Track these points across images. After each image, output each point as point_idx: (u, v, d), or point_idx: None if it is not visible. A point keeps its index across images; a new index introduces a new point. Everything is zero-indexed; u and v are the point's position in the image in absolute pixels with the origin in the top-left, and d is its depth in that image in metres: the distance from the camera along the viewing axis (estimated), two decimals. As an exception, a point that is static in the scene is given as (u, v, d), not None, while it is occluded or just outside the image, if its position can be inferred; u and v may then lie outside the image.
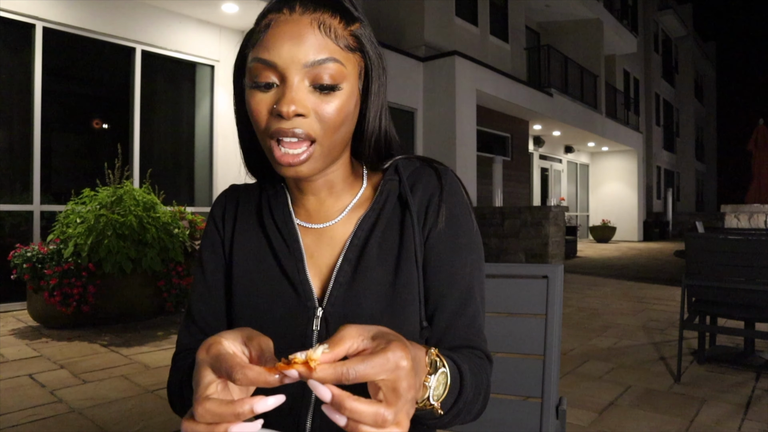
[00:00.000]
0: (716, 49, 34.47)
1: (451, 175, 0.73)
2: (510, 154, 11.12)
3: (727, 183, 34.34)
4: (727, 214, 7.36)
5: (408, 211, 0.70)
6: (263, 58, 0.61)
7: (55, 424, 2.17)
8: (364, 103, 0.69)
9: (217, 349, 0.46)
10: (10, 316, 4.36)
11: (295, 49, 0.60)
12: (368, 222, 0.70)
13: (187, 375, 0.63)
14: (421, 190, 0.71)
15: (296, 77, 0.60)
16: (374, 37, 0.69)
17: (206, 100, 6.31)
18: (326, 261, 0.70)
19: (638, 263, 9.54)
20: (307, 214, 0.73)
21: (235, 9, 5.80)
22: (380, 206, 0.71)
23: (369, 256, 0.68)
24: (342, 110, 0.62)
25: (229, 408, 0.42)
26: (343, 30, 0.63)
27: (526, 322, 0.99)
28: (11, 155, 4.87)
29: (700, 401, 2.52)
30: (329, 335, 0.63)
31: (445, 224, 0.70)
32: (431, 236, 0.70)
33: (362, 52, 0.66)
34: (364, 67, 0.67)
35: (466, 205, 0.73)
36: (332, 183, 0.71)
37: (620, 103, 15.88)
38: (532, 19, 13.79)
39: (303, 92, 0.60)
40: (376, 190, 0.73)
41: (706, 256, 2.86)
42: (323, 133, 0.62)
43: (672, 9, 21.58)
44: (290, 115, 0.59)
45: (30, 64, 4.86)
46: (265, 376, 0.42)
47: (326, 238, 0.71)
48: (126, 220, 3.85)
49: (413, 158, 0.76)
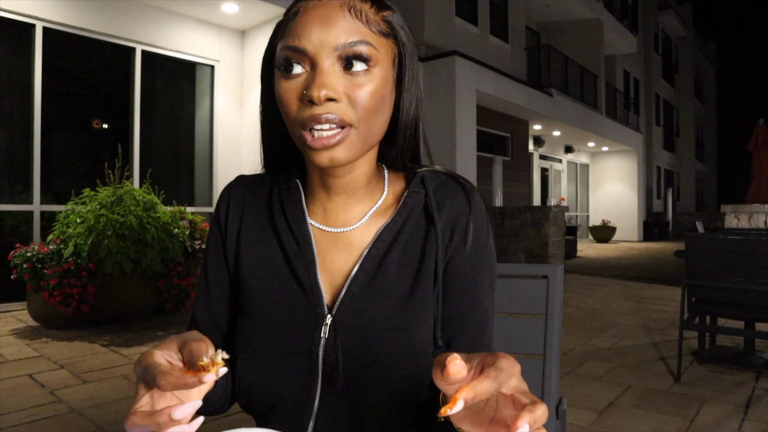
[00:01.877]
0: (716, 49, 34.46)
1: (478, 195, 0.71)
2: (510, 154, 11.12)
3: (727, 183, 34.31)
4: (727, 214, 7.36)
5: (433, 228, 0.67)
6: (292, 45, 0.59)
7: (55, 424, 2.17)
8: (398, 93, 0.66)
9: (147, 361, 0.49)
10: (10, 316, 4.36)
11: (324, 33, 0.58)
12: (389, 233, 0.67)
13: None
14: (448, 208, 0.68)
15: (327, 61, 0.58)
16: (407, 26, 0.66)
17: (206, 100, 6.31)
18: (339, 267, 0.68)
19: (638, 263, 9.54)
20: (324, 216, 0.70)
21: (235, 9, 5.80)
22: (404, 219, 0.68)
23: (387, 269, 0.66)
24: (376, 94, 0.60)
25: (150, 419, 0.46)
26: (374, 15, 0.61)
27: (526, 322, 0.99)
28: (11, 155, 4.87)
29: (700, 401, 2.52)
30: (337, 344, 0.63)
31: (471, 245, 0.68)
32: (456, 257, 0.68)
33: (395, 38, 0.64)
34: (398, 54, 0.65)
35: (488, 226, 0.71)
36: (356, 183, 0.68)
37: (620, 103, 15.87)
38: (532, 19, 13.78)
39: (334, 76, 0.58)
40: (399, 199, 0.71)
41: (706, 256, 2.86)
42: (358, 118, 0.59)
43: (672, 9, 21.59)
44: (321, 100, 0.56)
45: (30, 64, 4.86)
46: (184, 379, 0.46)
47: (342, 244, 0.68)
48: (126, 220, 3.85)
49: (439, 171, 0.72)
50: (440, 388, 0.42)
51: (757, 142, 8.61)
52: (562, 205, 7.87)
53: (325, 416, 0.64)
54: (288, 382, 0.64)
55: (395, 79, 0.65)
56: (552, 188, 14.97)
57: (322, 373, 0.64)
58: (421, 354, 0.65)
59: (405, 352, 0.63)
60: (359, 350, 0.63)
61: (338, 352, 0.63)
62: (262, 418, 0.68)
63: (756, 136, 8.62)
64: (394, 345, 0.63)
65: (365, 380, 0.62)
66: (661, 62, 21.60)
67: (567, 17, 14.06)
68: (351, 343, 0.63)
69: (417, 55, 0.68)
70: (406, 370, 0.62)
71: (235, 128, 6.37)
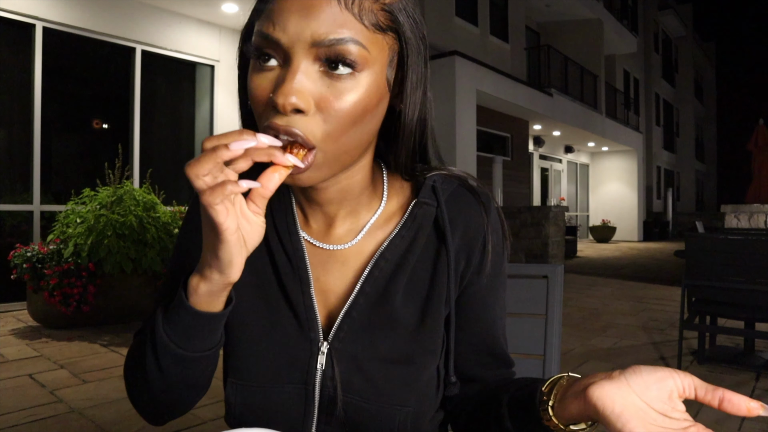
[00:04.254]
0: (716, 49, 34.47)
1: (494, 205, 0.64)
2: (510, 154, 11.12)
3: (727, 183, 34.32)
4: (727, 214, 7.36)
5: (444, 247, 0.59)
6: (266, 32, 0.48)
7: (55, 424, 2.17)
8: (397, 97, 0.56)
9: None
10: (10, 316, 4.36)
11: (303, 24, 0.47)
12: (394, 252, 0.58)
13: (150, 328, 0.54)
14: (463, 226, 0.60)
15: (302, 59, 0.47)
16: (419, 14, 0.55)
17: (206, 100, 6.31)
18: (334, 289, 0.60)
19: (638, 263, 9.54)
20: (313, 229, 0.61)
21: (235, 9, 5.80)
22: (412, 235, 0.59)
23: (393, 294, 0.58)
24: (358, 105, 0.49)
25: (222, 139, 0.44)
26: (372, 3, 0.49)
27: (526, 322, 0.99)
28: (11, 155, 4.87)
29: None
30: (335, 377, 0.57)
31: (488, 268, 0.62)
32: (471, 281, 0.61)
33: (397, 33, 0.52)
34: (399, 53, 0.54)
35: (503, 241, 0.65)
36: (347, 194, 0.58)
37: (620, 103, 15.87)
38: (532, 19, 13.78)
39: (309, 80, 0.48)
40: (403, 208, 0.62)
41: (706, 256, 2.86)
42: (325, 136, 0.49)
43: (672, 9, 21.58)
44: (287, 110, 0.47)
45: (30, 64, 4.86)
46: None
47: (335, 263, 0.60)
48: (126, 220, 3.85)
49: (450, 177, 0.63)
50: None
51: (757, 142, 8.61)
52: (562, 205, 7.88)
53: None
54: (282, 414, 0.58)
55: (394, 81, 0.55)
56: (552, 188, 14.97)
57: (319, 406, 0.58)
58: (425, 389, 0.60)
59: (410, 388, 0.58)
60: (360, 384, 0.57)
61: (337, 384, 0.57)
62: (260, 420, 0.64)
63: (756, 136, 8.62)
64: (398, 380, 0.58)
65: (366, 416, 0.57)
66: (661, 62, 21.60)
67: (567, 17, 14.06)
68: (350, 376, 0.57)
69: (426, 50, 0.55)
70: (410, 407, 0.57)
71: (235, 128, 6.35)
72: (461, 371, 0.64)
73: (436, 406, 0.63)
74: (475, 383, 0.65)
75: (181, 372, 0.54)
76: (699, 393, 0.41)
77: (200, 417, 2.24)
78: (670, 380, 0.42)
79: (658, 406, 0.42)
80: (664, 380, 0.42)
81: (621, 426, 0.40)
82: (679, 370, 0.43)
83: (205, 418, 2.23)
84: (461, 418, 0.65)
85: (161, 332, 0.52)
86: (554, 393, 0.50)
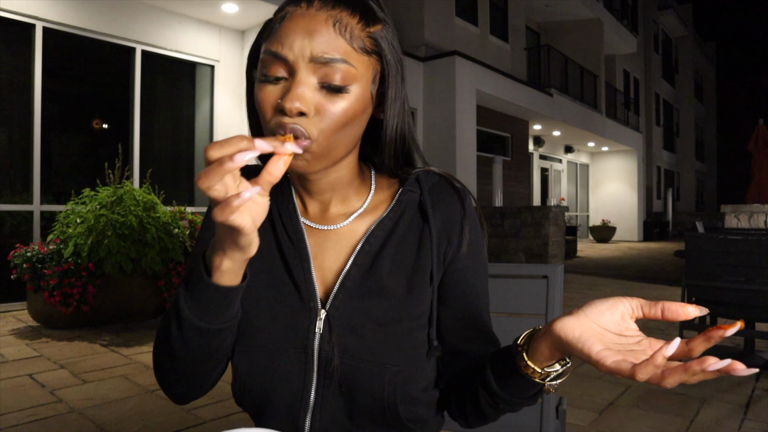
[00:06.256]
0: (716, 49, 34.45)
1: (470, 199, 0.73)
2: (510, 154, 11.13)
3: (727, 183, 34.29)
4: (727, 214, 7.36)
5: (427, 227, 0.69)
6: (274, 50, 0.60)
7: (55, 424, 2.17)
8: (379, 107, 0.67)
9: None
10: (10, 316, 4.36)
11: (305, 44, 0.58)
12: (383, 230, 0.68)
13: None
14: (442, 209, 0.70)
15: (304, 72, 0.59)
16: (397, 42, 0.67)
17: (206, 100, 6.31)
18: (329, 264, 0.69)
19: (638, 263, 9.54)
20: (310, 214, 0.72)
21: (235, 9, 5.80)
22: (397, 216, 0.69)
23: (381, 265, 0.67)
24: (347, 112, 0.61)
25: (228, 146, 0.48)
26: (360, 31, 0.61)
27: (526, 322, 0.99)
28: (11, 155, 4.87)
29: (700, 401, 2.52)
30: (332, 339, 0.65)
31: (466, 248, 0.70)
32: (453, 260, 0.70)
33: (379, 56, 0.64)
34: (380, 72, 0.65)
35: (480, 229, 0.73)
36: (336, 185, 0.69)
37: (620, 103, 15.88)
38: (532, 19, 13.79)
39: (309, 89, 0.59)
40: (389, 199, 0.72)
41: (706, 256, 2.86)
42: (320, 133, 0.60)
43: (672, 9, 21.60)
44: (293, 113, 0.58)
45: (30, 64, 4.86)
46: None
47: (330, 241, 0.70)
48: (126, 220, 3.85)
49: (433, 172, 0.74)
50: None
51: (757, 143, 8.61)
52: (562, 205, 7.88)
53: (322, 411, 0.65)
54: (283, 376, 0.65)
55: (376, 94, 0.66)
56: (552, 188, 14.97)
57: (318, 368, 0.65)
58: (414, 351, 0.67)
59: (398, 348, 0.65)
60: (353, 345, 0.65)
61: (333, 347, 0.64)
62: (257, 415, 0.69)
63: (756, 136, 8.63)
64: (387, 341, 0.65)
65: (359, 375, 0.64)
66: (661, 62, 21.61)
67: (567, 17, 14.07)
68: (345, 339, 0.65)
69: (403, 71, 0.68)
70: (400, 366, 0.65)
71: (235, 128, 6.36)
72: (449, 346, 0.72)
73: (427, 375, 0.70)
74: (462, 358, 0.72)
75: (205, 344, 0.61)
76: (645, 310, 0.49)
77: (200, 417, 2.24)
78: (620, 305, 0.50)
79: (613, 328, 0.50)
80: (615, 305, 0.50)
81: (581, 346, 0.48)
82: (627, 297, 0.50)
83: (205, 418, 2.23)
84: (453, 395, 0.72)
85: (185, 309, 0.58)
86: (527, 342, 0.58)
